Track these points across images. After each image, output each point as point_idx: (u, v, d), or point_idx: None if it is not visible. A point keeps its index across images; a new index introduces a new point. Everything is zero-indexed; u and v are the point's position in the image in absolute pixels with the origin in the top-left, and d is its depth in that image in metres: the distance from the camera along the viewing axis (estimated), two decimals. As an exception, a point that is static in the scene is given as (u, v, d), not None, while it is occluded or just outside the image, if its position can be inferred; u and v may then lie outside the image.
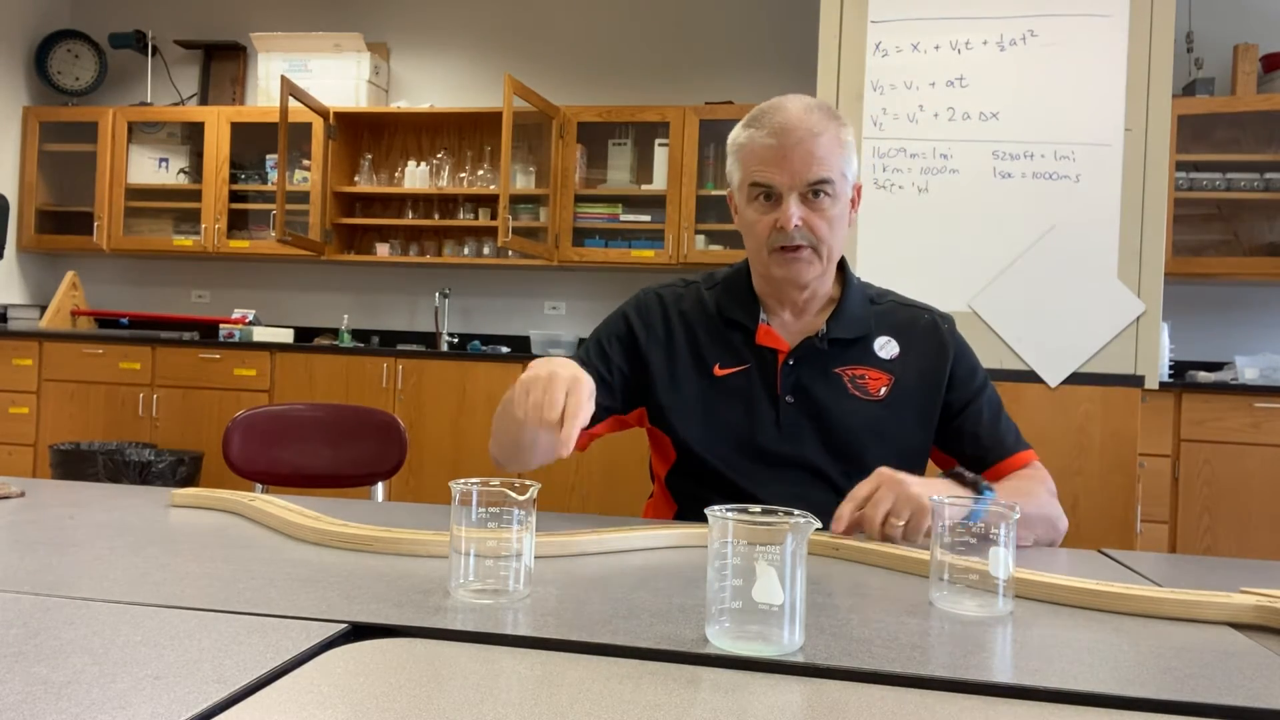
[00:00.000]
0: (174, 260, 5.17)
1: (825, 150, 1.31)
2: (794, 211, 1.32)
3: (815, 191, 1.32)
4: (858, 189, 1.41)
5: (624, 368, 1.43)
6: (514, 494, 0.80)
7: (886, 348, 1.42)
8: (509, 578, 0.81)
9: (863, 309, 1.44)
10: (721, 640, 0.70)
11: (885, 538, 1.11)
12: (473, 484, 0.81)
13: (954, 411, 1.42)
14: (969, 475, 1.20)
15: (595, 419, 1.35)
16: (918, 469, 1.42)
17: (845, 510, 1.14)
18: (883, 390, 1.39)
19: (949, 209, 2.46)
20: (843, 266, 1.47)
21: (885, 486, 1.14)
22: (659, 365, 1.43)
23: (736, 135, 1.38)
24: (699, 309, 1.45)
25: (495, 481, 0.81)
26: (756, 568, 0.69)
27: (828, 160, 1.32)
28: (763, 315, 1.42)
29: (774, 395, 1.39)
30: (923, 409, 1.41)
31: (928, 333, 1.44)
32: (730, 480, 1.37)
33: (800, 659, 0.68)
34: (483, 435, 4.16)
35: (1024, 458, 1.41)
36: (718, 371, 1.41)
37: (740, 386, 1.40)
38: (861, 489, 1.15)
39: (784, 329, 1.42)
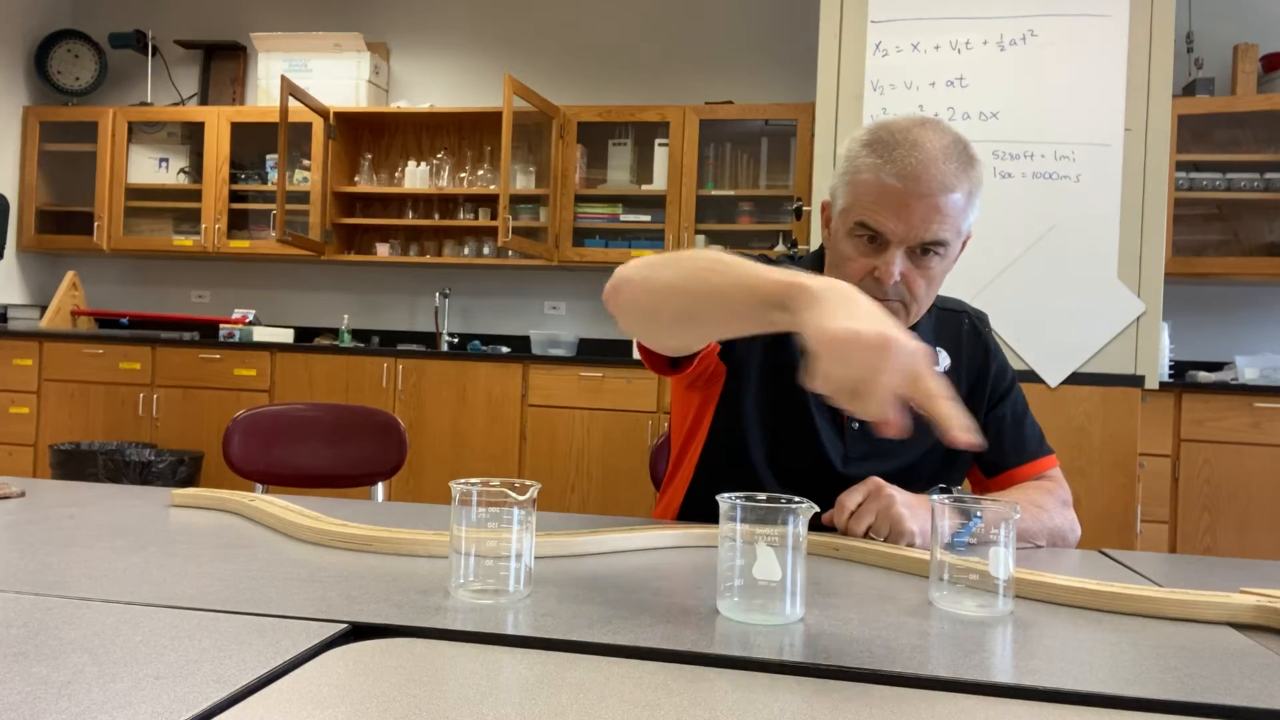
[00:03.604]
0: (174, 260, 5.17)
1: (951, 208, 1.17)
2: (896, 267, 1.19)
3: (925, 249, 1.19)
4: (968, 237, 1.27)
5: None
6: (514, 494, 0.80)
7: (939, 359, 1.37)
8: (509, 578, 0.81)
9: (930, 332, 1.36)
10: (732, 612, 0.78)
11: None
12: (473, 484, 0.81)
13: (987, 408, 1.39)
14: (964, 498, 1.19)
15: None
16: (960, 474, 1.40)
17: (835, 523, 1.15)
18: None
19: (949, 209, 2.46)
20: None
21: (871, 499, 1.13)
22: (758, 354, 1.30)
23: (856, 155, 1.22)
24: None
25: (495, 481, 0.81)
26: (758, 549, 0.77)
27: (951, 220, 1.17)
28: None
29: (840, 422, 1.32)
30: (972, 418, 1.37)
31: (971, 339, 1.40)
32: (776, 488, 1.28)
33: (801, 655, 0.68)
34: (483, 435, 4.17)
35: (1043, 464, 1.38)
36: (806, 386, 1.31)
37: (809, 406, 1.31)
38: (850, 499, 1.15)
39: None
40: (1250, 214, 4.05)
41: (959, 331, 1.40)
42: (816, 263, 1.36)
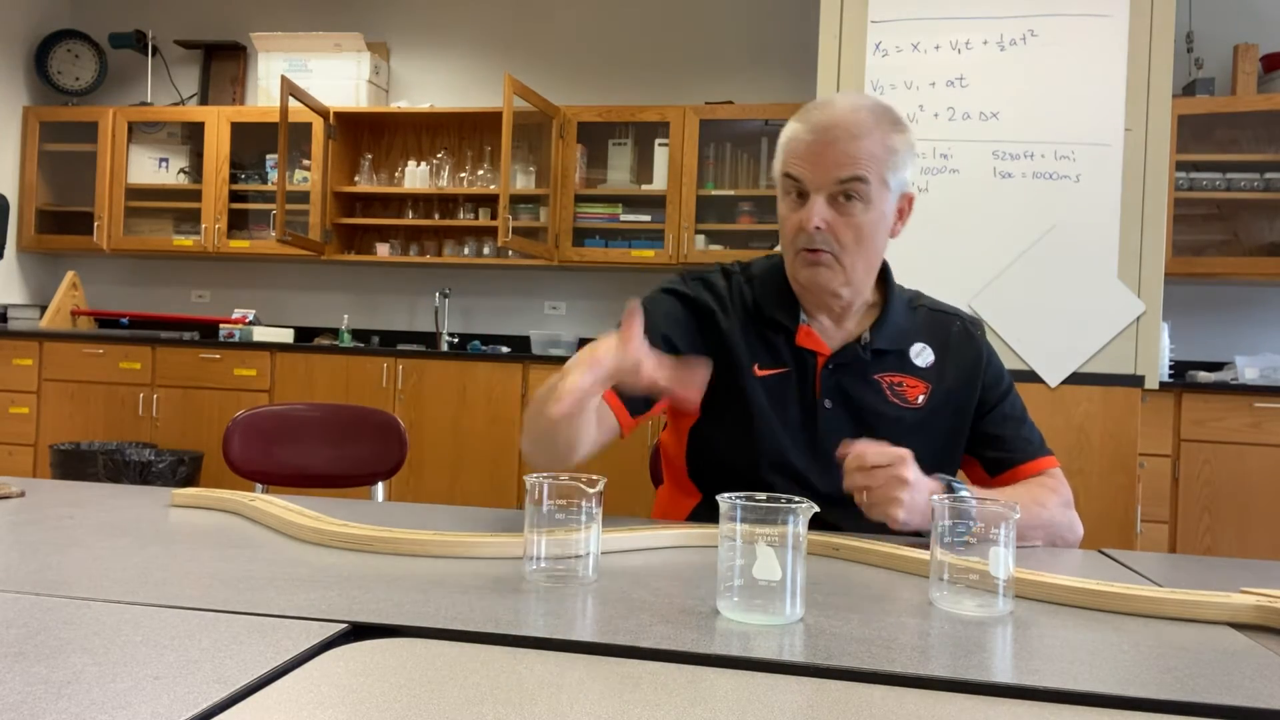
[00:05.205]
0: (174, 260, 5.17)
1: (863, 152, 1.25)
2: (816, 212, 1.26)
3: (846, 194, 1.26)
4: (909, 200, 1.34)
5: (680, 350, 1.35)
6: (584, 487, 0.89)
7: (923, 355, 1.39)
8: (578, 564, 0.88)
9: (905, 318, 1.41)
10: (732, 612, 0.78)
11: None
12: (545, 478, 0.89)
13: (979, 415, 1.40)
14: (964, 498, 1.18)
15: (646, 401, 1.32)
16: (951, 466, 1.41)
17: (856, 460, 1.12)
18: (921, 398, 1.37)
19: (949, 209, 2.46)
20: (884, 272, 1.42)
21: (892, 477, 1.10)
22: (707, 355, 1.36)
23: (787, 126, 1.33)
24: (740, 304, 1.40)
25: (565, 476, 0.89)
26: (757, 549, 0.77)
27: (864, 161, 1.25)
28: (803, 316, 1.37)
29: (812, 399, 1.35)
30: (957, 417, 1.39)
31: (962, 340, 1.42)
32: (763, 481, 1.33)
33: (801, 655, 0.68)
34: (483, 435, 4.17)
35: (1043, 464, 1.39)
36: (757, 372, 1.36)
37: (779, 389, 1.36)
38: (878, 458, 1.12)
39: (824, 333, 1.38)
40: (1250, 214, 4.05)
41: (948, 333, 1.43)
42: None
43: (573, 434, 1.19)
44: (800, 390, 1.36)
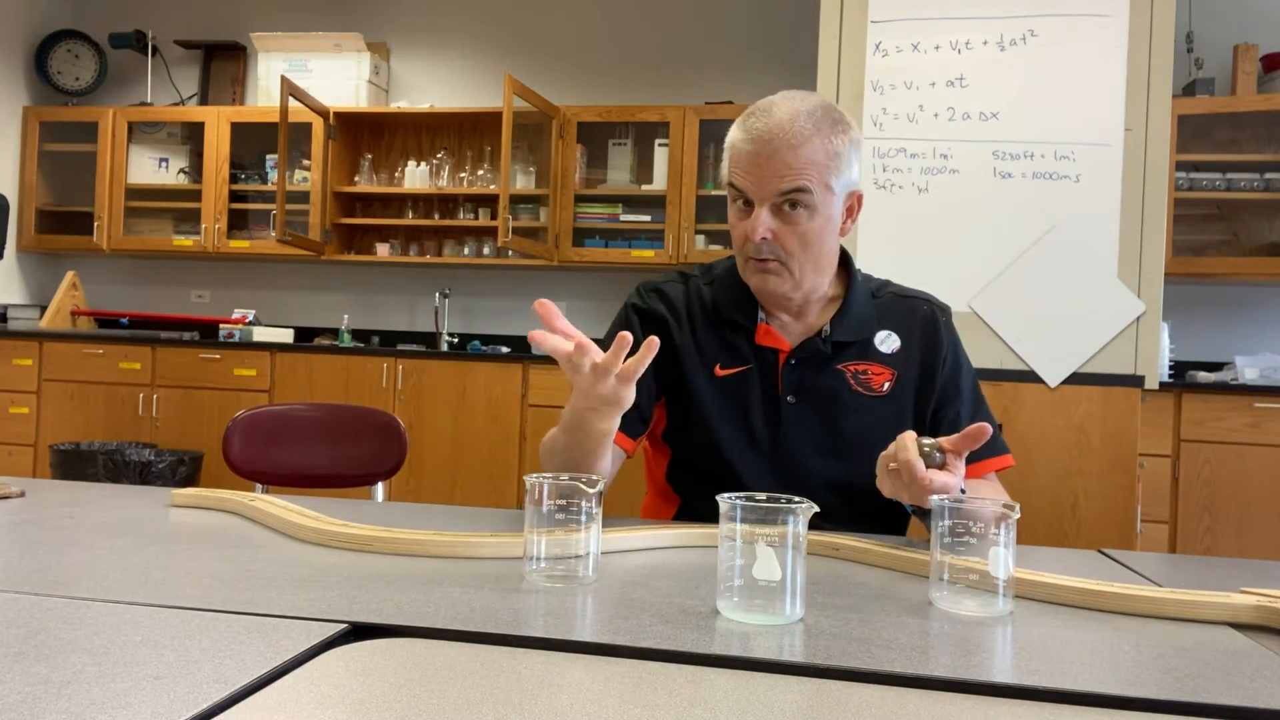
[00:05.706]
0: (174, 260, 5.17)
1: (804, 161, 1.25)
2: (761, 223, 1.27)
3: (790, 203, 1.27)
4: (857, 198, 1.34)
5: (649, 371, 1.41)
6: (584, 487, 0.89)
7: (888, 342, 1.39)
8: (578, 564, 0.88)
9: (867, 308, 1.41)
10: (732, 612, 0.78)
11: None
12: (545, 478, 0.89)
13: (939, 403, 1.40)
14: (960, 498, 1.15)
15: (642, 421, 1.37)
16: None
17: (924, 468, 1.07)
18: (886, 385, 1.37)
19: (949, 209, 2.46)
20: (847, 264, 1.43)
21: (937, 482, 1.06)
22: (666, 365, 1.39)
23: (731, 131, 1.33)
24: (699, 306, 1.42)
25: (565, 476, 0.89)
26: (757, 549, 0.77)
27: (805, 171, 1.25)
28: (761, 315, 1.38)
29: (775, 395, 1.36)
30: (921, 402, 1.39)
31: (926, 324, 1.42)
32: (732, 480, 1.35)
33: (801, 655, 0.68)
34: (482, 435, 4.17)
35: (1000, 462, 1.38)
36: (718, 372, 1.38)
37: (741, 387, 1.37)
38: (886, 459, 1.10)
39: (784, 329, 1.39)
40: (1250, 214, 4.05)
41: (912, 316, 1.43)
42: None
43: (599, 467, 1.23)
44: (763, 388, 1.37)
